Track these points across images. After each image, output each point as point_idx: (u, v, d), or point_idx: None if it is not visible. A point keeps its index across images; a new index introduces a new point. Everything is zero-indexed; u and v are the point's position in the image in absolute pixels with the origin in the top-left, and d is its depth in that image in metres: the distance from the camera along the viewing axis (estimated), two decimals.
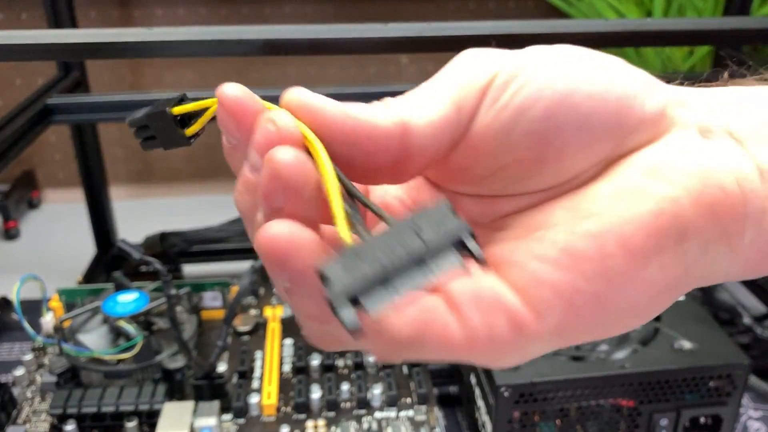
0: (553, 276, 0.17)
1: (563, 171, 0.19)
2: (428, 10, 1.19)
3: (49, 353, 0.62)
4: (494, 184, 0.20)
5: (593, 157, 0.18)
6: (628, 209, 0.17)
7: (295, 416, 0.55)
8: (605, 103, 0.18)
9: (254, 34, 0.52)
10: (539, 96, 0.18)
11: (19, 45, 0.52)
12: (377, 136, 0.18)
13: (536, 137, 0.18)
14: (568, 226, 0.18)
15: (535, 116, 0.18)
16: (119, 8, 1.14)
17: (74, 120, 0.77)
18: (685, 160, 0.18)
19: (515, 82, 0.18)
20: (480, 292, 0.18)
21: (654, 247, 0.17)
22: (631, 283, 0.17)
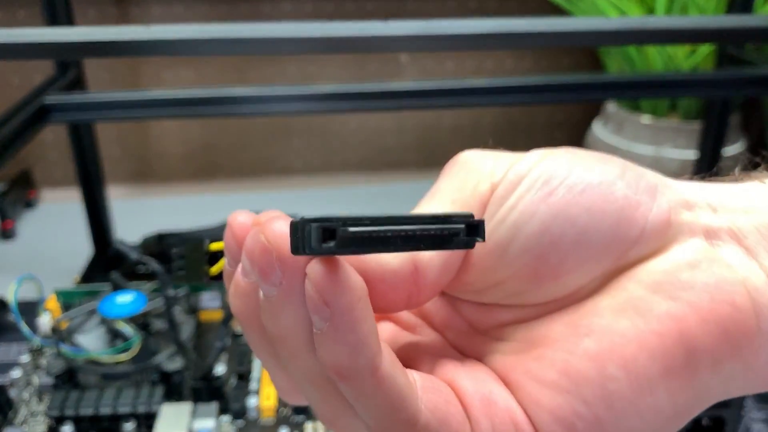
0: (552, 401, 0.17)
1: (562, 286, 0.18)
2: (428, 8, 1.19)
3: (46, 354, 0.62)
4: (492, 296, 0.19)
5: (593, 271, 0.18)
6: (629, 328, 0.16)
7: (293, 418, 0.54)
8: (604, 216, 0.17)
9: (253, 32, 0.51)
10: (535, 211, 0.17)
11: (16, 43, 0.51)
12: (389, 278, 0.17)
13: (532, 253, 0.17)
14: (568, 345, 0.17)
15: (530, 232, 0.17)
16: (117, 6, 1.13)
17: (71, 119, 0.77)
18: (691, 273, 0.17)
19: (513, 196, 0.18)
20: (491, 400, 0.17)
21: (660, 370, 0.16)
22: (635, 410, 0.16)
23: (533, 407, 0.17)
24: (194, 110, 0.72)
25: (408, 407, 0.16)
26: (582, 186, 0.17)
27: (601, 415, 0.16)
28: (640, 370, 0.16)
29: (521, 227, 0.17)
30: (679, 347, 0.16)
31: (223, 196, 1.25)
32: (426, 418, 0.16)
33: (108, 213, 0.90)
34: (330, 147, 1.27)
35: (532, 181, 0.18)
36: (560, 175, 0.17)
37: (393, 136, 1.27)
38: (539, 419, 0.17)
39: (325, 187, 1.25)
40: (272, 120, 1.24)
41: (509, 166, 0.18)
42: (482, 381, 0.18)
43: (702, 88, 0.78)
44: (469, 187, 0.19)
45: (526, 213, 0.17)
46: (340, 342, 0.15)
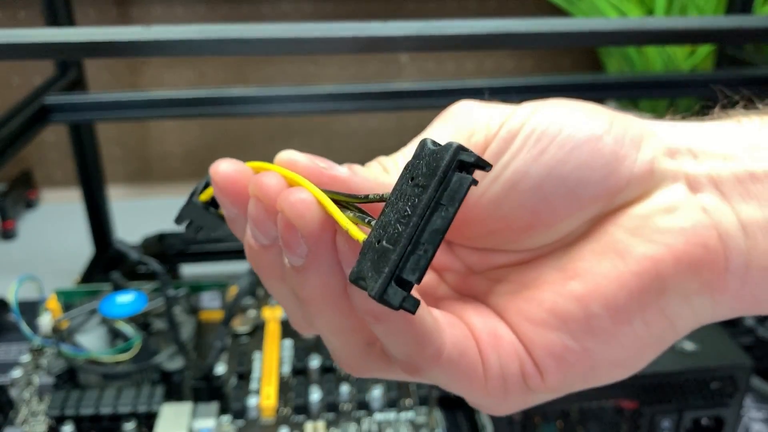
0: (543, 337, 0.19)
1: (552, 233, 0.19)
2: (428, 8, 1.19)
3: (46, 354, 0.62)
4: (487, 242, 0.21)
5: (582, 218, 0.19)
6: (611, 269, 0.18)
7: (294, 418, 0.54)
8: (592, 172, 0.18)
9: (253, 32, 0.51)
10: (527, 170, 0.18)
11: (17, 44, 0.51)
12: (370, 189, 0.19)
13: (525, 208, 0.19)
14: (555, 287, 0.19)
15: (524, 189, 0.19)
16: (117, 7, 1.13)
17: (72, 119, 0.77)
18: (668, 218, 0.18)
19: (506, 153, 0.19)
20: (497, 334, 0.19)
21: (636, 304, 0.18)
22: (617, 339, 0.18)
23: (528, 343, 0.19)
24: (194, 110, 0.72)
25: (434, 342, 0.18)
26: (572, 144, 0.18)
27: (589, 347, 0.18)
28: (620, 305, 0.18)
29: (515, 185, 0.19)
30: (654, 284, 0.18)
31: None
32: (449, 351, 0.18)
33: (108, 213, 0.90)
34: (330, 147, 1.27)
35: (524, 138, 0.19)
36: (551, 133, 0.19)
37: (393, 136, 1.27)
38: (536, 355, 0.19)
39: None
40: (272, 120, 1.24)
41: (503, 120, 0.19)
42: (488, 318, 0.19)
43: (701, 89, 0.78)
44: (463, 137, 0.20)
45: (519, 171, 0.19)
46: None
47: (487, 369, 0.18)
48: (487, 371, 0.18)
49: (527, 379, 0.19)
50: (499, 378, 0.19)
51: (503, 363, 0.19)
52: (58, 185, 1.22)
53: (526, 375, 0.19)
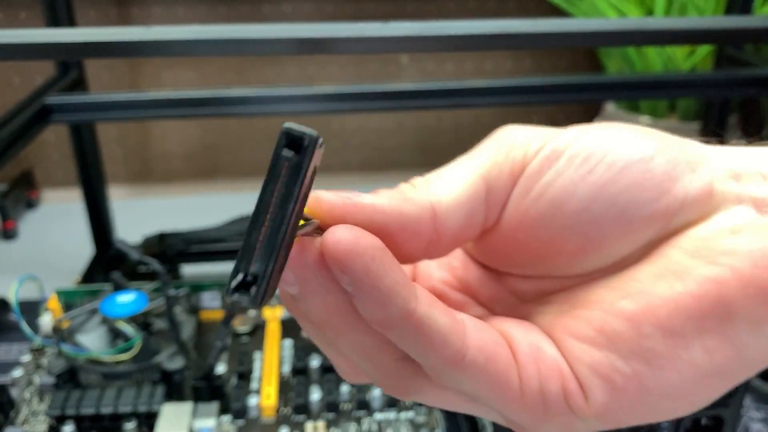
0: (590, 356, 0.17)
1: (605, 257, 0.18)
2: (428, 9, 1.19)
3: (47, 354, 0.62)
4: (536, 269, 0.20)
5: (636, 242, 0.18)
6: (667, 290, 0.17)
7: (294, 417, 0.54)
8: (643, 192, 0.17)
9: (253, 33, 0.51)
10: (574, 189, 0.18)
11: (18, 44, 0.51)
12: (410, 225, 0.18)
13: (574, 231, 0.18)
14: (605, 305, 0.18)
15: (571, 210, 0.18)
16: (118, 7, 1.13)
17: (73, 119, 0.77)
18: (733, 239, 0.17)
19: (550, 171, 0.18)
20: (539, 348, 0.18)
21: (695, 329, 0.17)
22: (672, 365, 0.17)
23: (574, 361, 0.18)
24: (195, 111, 0.72)
25: (452, 344, 0.17)
26: (621, 164, 0.17)
27: (639, 370, 0.17)
28: (676, 328, 0.17)
29: (561, 205, 0.18)
30: (716, 309, 0.16)
31: (224, 196, 1.25)
32: (473, 354, 0.17)
33: (109, 213, 0.90)
34: (330, 147, 1.28)
35: (570, 157, 0.18)
36: (599, 153, 0.18)
37: (393, 136, 1.27)
38: (580, 373, 0.18)
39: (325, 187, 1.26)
40: (272, 120, 1.24)
41: (546, 140, 0.19)
42: (531, 332, 0.19)
43: (701, 89, 0.78)
44: (501, 153, 0.19)
45: (565, 191, 0.18)
46: (368, 299, 0.16)
47: (524, 381, 0.18)
48: (523, 383, 0.18)
49: (569, 398, 0.18)
50: (537, 393, 0.18)
51: (543, 377, 0.18)
52: (59, 185, 1.22)
53: (568, 393, 0.18)
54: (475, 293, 0.22)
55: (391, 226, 0.18)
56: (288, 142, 0.15)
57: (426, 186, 0.19)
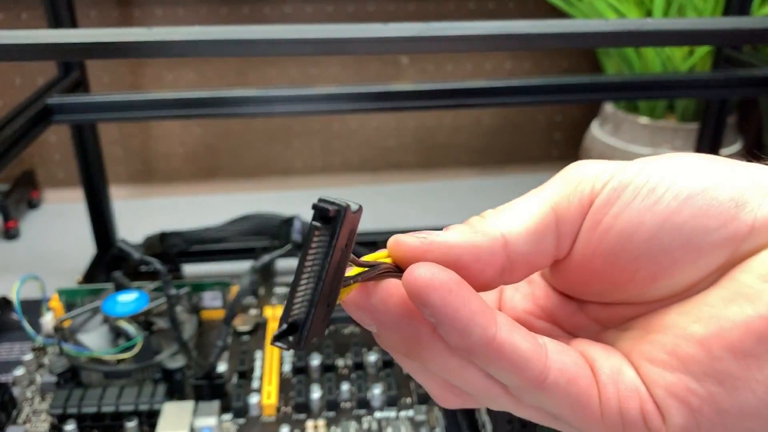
0: (664, 379, 0.18)
1: (677, 283, 0.19)
2: (428, 10, 1.19)
3: (49, 353, 0.62)
4: (613, 296, 0.21)
5: (706, 267, 0.18)
6: (738, 313, 0.17)
7: (295, 416, 0.55)
8: (709, 219, 0.18)
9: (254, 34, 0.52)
10: (641, 220, 0.18)
11: (19, 45, 0.52)
12: (482, 256, 0.19)
13: (644, 259, 0.19)
14: (677, 330, 0.18)
15: (639, 240, 0.19)
16: (119, 8, 1.14)
17: (74, 120, 0.77)
18: None
19: (618, 203, 0.19)
20: (620, 372, 0.19)
21: (766, 350, 0.17)
22: (746, 386, 0.17)
23: (651, 385, 0.19)
24: (196, 111, 0.72)
25: (534, 366, 0.18)
26: (687, 192, 0.18)
27: (714, 391, 0.17)
28: (747, 351, 0.17)
29: (630, 236, 0.19)
30: None
31: (225, 196, 1.25)
32: (555, 376, 0.18)
33: (110, 213, 0.91)
34: (331, 148, 1.28)
35: (637, 188, 0.19)
36: (666, 183, 0.18)
37: (393, 137, 1.28)
38: (657, 396, 0.18)
39: (325, 187, 1.26)
40: (273, 121, 1.25)
41: (614, 172, 0.19)
42: (612, 355, 0.20)
43: (699, 89, 0.78)
44: (570, 187, 0.20)
45: (633, 222, 0.19)
46: (450, 328, 0.18)
47: (603, 402, 0.19)
48: (603, 404, 0.19)
49: (648, 419, 0.18)
50: (617, 413, 0.18)
51: (623, 398, 0.18)
52: (61, 185, 1.22)
53: (647, 415, 0.18)
54: (558, 321, 0.23)
55: (465, 259, 0.19)
56: (319, 216, 0.17)
57: (497, 217, 0.20)
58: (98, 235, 0.90)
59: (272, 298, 0.71)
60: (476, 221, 0.20)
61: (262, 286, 0.73)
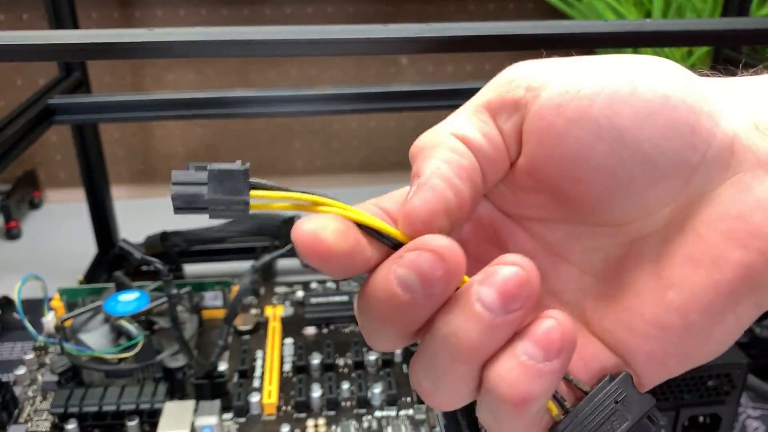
0: (645, 346, 0.19)
1: (634, 206, 0.19)
2: (428, 10, 1.19)
3: (50, 352, 0.63)
4: (562, 212, 0.20)
5: (663, 195, 0.19)
6: (706, 278, 0.18)
7: (295, 415, 0.55)
8: (668, 141, 0.18)
9: (255, 34, 0.52)
10: (600, 132, 0.18)
11: (21, 45, 0.52)
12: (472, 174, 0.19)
13: (602, 172, 0.19)
14: (654, 297, 0.19)
15: (599, 151, 0.18)
16: (120, 9, 1.14)
17: (76, 120, 0.77)
18: (762, 216, 0.18)
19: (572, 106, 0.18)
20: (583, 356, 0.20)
21: (731, 306, 0.18)
22: (712, 337, 0.19)
23: (627, 351, 0.20)
24: (197, 112, 0.72)
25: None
26: (646, 111, 0.18)
27: (686, 350, 0.19)
28: (716, 310, 0.18)
29: (589, 145, 0.18)
30: (747, 285, 0.18)
31: None
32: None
33: (112, 213, 0.91)
34: (331, 148, 1.28)
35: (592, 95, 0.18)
36: (623, 94, 0.18)
37: (393, 137, 1.28)
38: (633, 359, 0.20)
39: (326, 187, 1.26)
40: (274, 121, 1.25)
41: (555, 73, 0.20)
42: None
43: None
44: (502, 86, 0.20)
45: (591, 132, 0.18)
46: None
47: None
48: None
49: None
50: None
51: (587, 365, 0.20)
52: (62, 186, 1.22)
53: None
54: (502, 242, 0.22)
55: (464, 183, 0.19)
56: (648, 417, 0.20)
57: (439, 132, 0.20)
58: (99, 235, 0.90)
59: (273, 298, 0.71)
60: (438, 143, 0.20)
61: (263, 285, 0.73)
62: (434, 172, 0.18)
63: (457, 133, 0.20)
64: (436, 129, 0.21)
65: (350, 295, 0.69)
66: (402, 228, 0.18)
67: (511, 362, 0.17)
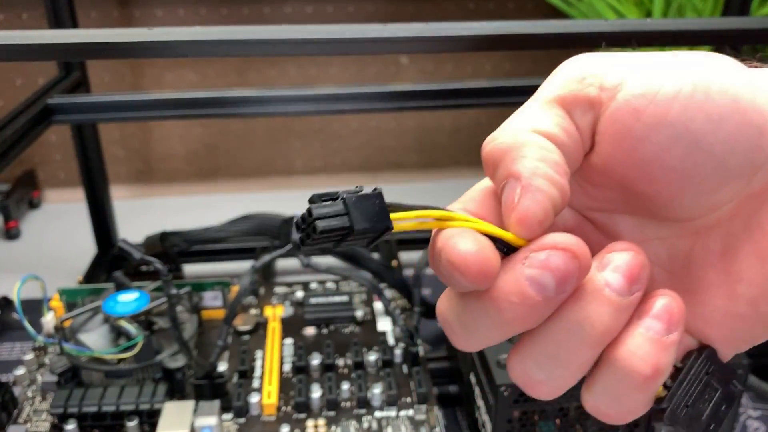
0: (720, 334, 0.21)
1: (702, 204, 0.20)
2: (427, 10, 1.19)
3: (49, 353, 0.63)
4: (631, 207, 0.21)
5: (730, 192, 0.20)
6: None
7: (295, 415, 0.55)
8: (738, 143, 0.19)
9: (254, 34, 0.52)
10: (677, 136, 0.19)
11: (20, 45, 0.52)
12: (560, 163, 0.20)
13: (677, 173, 0.19)
14: (725, 291, 0.20)
15: (676, 155, 0.19)
16: (119, 8, 1.14)
17: (75, 120, 0.77)
18: None
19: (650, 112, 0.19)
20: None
21: None
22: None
23: (703, 336, 0.21)
24: (196, 111, 0.72)
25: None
26: (719, 115, 0.19)
27: (758, 335, 0.20)
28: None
29: (667, 149, 0.19)
30: None
31: (225, 196, 1.26)
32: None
33: (111, 213, 0.91)
34: (331, 148, 1.28)
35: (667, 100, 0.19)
36: (697, 101, 0.19)
37: (393, 137, 1.28)
38: (711, 342, 0.21)
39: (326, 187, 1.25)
40: (273, 121, 1.25)
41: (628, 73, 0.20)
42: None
43: None
44: (574, 82, 0.21)
45: (670, 136, 0.19)
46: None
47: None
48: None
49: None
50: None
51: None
52: (62, 185, 1.22)
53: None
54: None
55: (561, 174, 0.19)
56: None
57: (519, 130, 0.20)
58: (99, 235, 0.90)
59: (273, 298, 0.71)
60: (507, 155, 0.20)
61: (263, 285, 0.73)
62: (534, 173, 0.19)
63: (540, 129, 0.20)
64: (514, 126, 0.20)
65: (350, 296, 0.69)
66: (516, 231, 0.19)
67: (640, 338, 0.19)
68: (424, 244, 0.74)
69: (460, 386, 0.62)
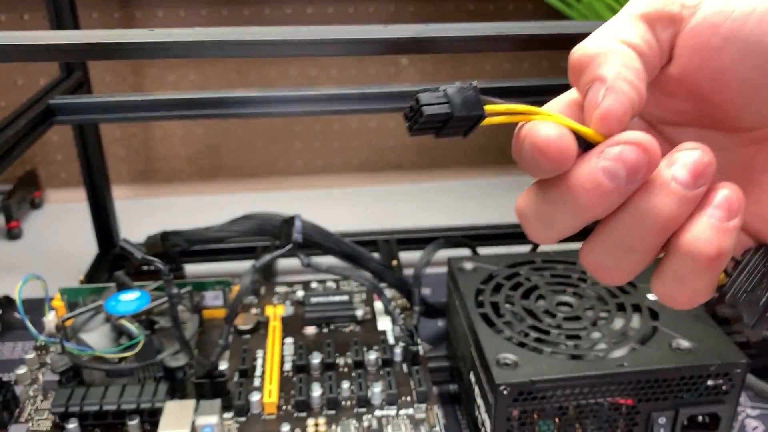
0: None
1: (761, 113, 0.22)
2: (427, 11, 1.20)
3: (51, 352, 0.63)
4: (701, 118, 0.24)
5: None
6: None
7: (295, 414, 0.55)
8: None
9: (255, 35, 0.52)
10: (748, 48, 0.21)
11: (22, 46, 0.52)
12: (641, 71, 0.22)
13: (747, 84, 0.22)
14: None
15: (748, 65, 0.21)
16: (121, 9, 1.14)
17: (77, 120, 0.78)
18: None
19: (726, 25, 0.21)
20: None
21: None
22: None
23: (760, 234, 0.23)
24: (197, 112, 0.73)
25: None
26: None
27: None
28: None
29: (741, 60, 0.21)
30: None
31: (226, 196, 1.26)
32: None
33: (113, 213, 0.91)
34: (331, 148, 1.28)
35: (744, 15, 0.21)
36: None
37: (393, 137, 1.28)
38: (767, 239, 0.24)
39: (326, 187, 1.26)
40: (274, 121, 1.25)
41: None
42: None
43: None
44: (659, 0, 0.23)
45: (743, 48, 0.21)
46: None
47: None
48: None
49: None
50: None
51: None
52: (63, 185, 1.23)
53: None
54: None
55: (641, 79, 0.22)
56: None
57: (602, 37, 0.23)
58: (100, 234, 0.91)
59: (273, 298, 0.71)
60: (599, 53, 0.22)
61: (263, 285, 0.73)
62: (618, 76, 0.21)
63: (625, 39, 0.22)
64: (602, 36, 0.23)
65: (350, 295, 0.69)
66: (596, 127, 0.21)
67: (703, 225, 0.21)
68: (424, 244, 0.75)
69: (459, 385, 0.63)
